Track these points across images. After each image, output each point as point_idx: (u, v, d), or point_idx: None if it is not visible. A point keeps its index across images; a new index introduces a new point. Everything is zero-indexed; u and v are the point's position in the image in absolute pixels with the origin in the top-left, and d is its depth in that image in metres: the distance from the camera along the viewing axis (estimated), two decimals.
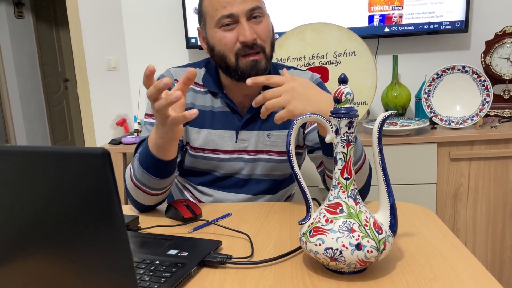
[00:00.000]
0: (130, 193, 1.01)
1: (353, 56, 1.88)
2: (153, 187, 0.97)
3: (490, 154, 1.79)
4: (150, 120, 1.10)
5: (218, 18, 1.00)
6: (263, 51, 1.03)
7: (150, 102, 0.84)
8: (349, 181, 0.69)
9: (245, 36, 0.99)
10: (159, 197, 1.01)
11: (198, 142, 1.11)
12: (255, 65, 1.02)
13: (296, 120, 0.72)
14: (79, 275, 0.55)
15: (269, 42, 1.04)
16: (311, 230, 0.69)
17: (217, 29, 1.01)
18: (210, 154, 1.11)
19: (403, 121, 1.95)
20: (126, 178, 1.02)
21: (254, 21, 1.01)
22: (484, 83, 1.85)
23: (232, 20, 1.00)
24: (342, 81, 0.71)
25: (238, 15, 0.99)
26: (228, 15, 0.99)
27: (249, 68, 1.02)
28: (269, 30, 1.04)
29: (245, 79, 1.02)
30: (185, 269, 0.70)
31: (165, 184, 0.98)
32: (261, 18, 1.02)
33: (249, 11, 0.99)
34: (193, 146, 1.11)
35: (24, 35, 4.71)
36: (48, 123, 5.08)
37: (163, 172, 0.95)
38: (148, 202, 1.01)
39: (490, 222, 1.86)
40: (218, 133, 1.10)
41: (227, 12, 0.98)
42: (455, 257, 0.74)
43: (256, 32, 1.01)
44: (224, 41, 1.01)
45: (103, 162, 0.49)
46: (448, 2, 2.10)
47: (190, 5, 2.26)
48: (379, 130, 0.69)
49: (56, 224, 0.53)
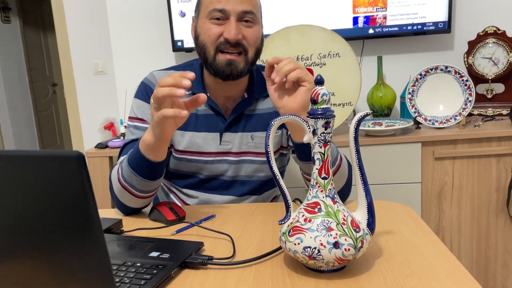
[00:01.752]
0: (116, 195, 1.01)
1: (337, 57, 1.89)
2: (141, 189, 0.97)
3: (474, 152, 1.81)
4: (134, 123, 1.10)
5: (210, 10, 1.01)
6: (245, 53, 1.03)
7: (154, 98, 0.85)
8: (327, 180, 0.71)
9: (230, 33, 1.00)
10: (145, 200, 1.02)
11: (182, 144, 1.11)
12: (231, 64, 1.02)
13: (273, 122, 0.73)
14: (57, 278, 0.55)
15: (254, 47, 1.04)
16: (290, 230, 0.70)
17: (206, 20, 1.02)
18: (194, 157, 1.12)
19: (388, 121, 1.97)
20: (113, 179, 1.02)
21: (244, 24, 1.02)
22: (466, 82, 1.88)
23: (223, 16, 1.00)
24: (319, 82, 0.72)
25: (229, 13, 1.00)
26: (219, 10, 1.00)
27: (224, 65, 1.02)
28: (257, 37, 1.04)
29: (220, 75, 1.03)
30: (166, 270, 0.71)
31: (152, 186, 0.98)
32: (251, 24, 1.03)
33: (242, 12, 1.00)
34: (177, 148, 1.11)
35: (11, 39, 4.68)
36: (36, 128, 5.05)
37: (152, 174, 0.95)
38: (134, 204, 1.01)
39: (475, 220, 1.88)
40: (202, 135, 1.11)
41: (220, 6, 1.00)
42: (432, 253, 0.75)
43: (243, 34, 1.02)
44: (209, 32, 1.02)
45: (78, 165, 0.49)
46: (431, 3, 2.12)
47: (175, 8, 2.26)
48: (355, 130, 0.70)
49: (32, 227, 0.53)
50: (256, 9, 1.04)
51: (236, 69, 1.03)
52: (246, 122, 1.12)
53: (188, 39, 2.29)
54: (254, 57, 1.06)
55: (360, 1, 2.15)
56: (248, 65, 1.05)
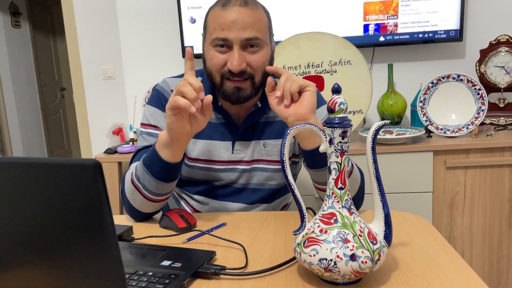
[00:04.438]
0: (127, 199, 1.01)
1: (348, 65, 1.88)
2: (152, 191, 0.96)
3: (486, 162, 1.79)
4: (147, 129, 1.10)
5: (213, 38, 1.00)
6: (252, 79, 1.02)
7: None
8: (343, 191, 0.69)
9: (232, 65, 0.98)
10: (155, 205, 1.01)
11: (195, 152, 1.10)
12: (237, 91, 1.02)
13: (289, 130, 0.72)
14: (70, 285, 0.54)
15: (260, 72, 1.02)
16: (305, 241, 0.68)
17: (211, 47, 1.01)
18: (206, 165, 1.11)
19: (399, 129, 1.95)
20: (126, 180, 1.01)
21: (249, 50, 1.00)
22: (479, 91, 1.86)
23: (226, 44, 0.99)
24: (336, 91, 0.71)
25: (232, 41, 0.98)
26: (222, 39, 0.98)
27: (231, 93, 1.02)
28: (263, 61, 1.02)
29: (228, 100, 1.04)
30: (178, 280, 0.70)
31: (164, 189, 0.97)
32: (257, 48, 1.01)
33: (245, 40, 0.98)
34: (190, 156, 1.11)
35: (21, 44, 4.71)
36: (44, 132, 5.07)
37: (165, 175, 0.95)
38: (144, 208, 1.00)
39: (487, 231, 1.85)
40: (215, 143, 1.10)
41: (223, 35, 0.98)
42: (450, 267, 0.74)
43: (248, 60, 1.00)
44: (213, 61, 1.01)
45: (94, 174, 0.48)
46: (443, 11, 2.11)
47: (186, 14, 2.26)
48: (373, 140, 0.69)
49: (47, 235, 0.52)
50: (262, 32, 1.01)
51: (243, 95, 1.02)
52: (259, 130, 1.11)
53: (198, 45, 2.29)
54: (262, 80, 1.04)
55: (371, 9, 2.14)
56: (256, 89, 1.04)
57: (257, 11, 1.00)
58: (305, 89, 0.92)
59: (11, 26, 4.55)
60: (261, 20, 1.01)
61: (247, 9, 0.98)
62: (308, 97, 0.91)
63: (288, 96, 0.91)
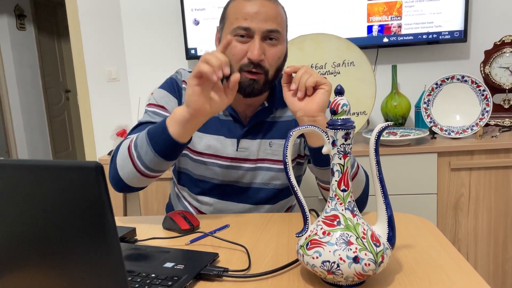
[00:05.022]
0: (115, 164, 0.98)
1: (352, 66, 1.88)
2: (147, 164, 0.94)
3: (491, 163, 1.78)
4: (153, 109, 1.09)
5: (235, 27, 1.00)
6: (266, 74, 1.03)
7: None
8: (346, 193, 0.69)
9: (253, 54, 0.99)
10: (142, 179, 0.98)
11: (200, 146, 1.11)
12: (252, 83, 1.02)
13: (292, 132, 0.71)
14: (73, 287, 0.54)
15: (274, 67, 1.04)
16: (308, 243, 0.68)
17: (231, 36, 1.02)
18: (211, 160, 1.11)
19: (403, 130, 1.94)
20: (122, 146, 0.99)
21: (268, 43, 1.02)
22: (483, 92, 1.85)
23: (247, 34, 1.00)
24: (339, 93, 0.70)
25: (254, 31, 0.99)
26: (244, 28, 0.99)
27: (246, 84, 1.02)
28: (279, 56, 1.04)
29: (241, 92, 1.04)
30: (181, 282, 0.70)
31: (159, 167, 0.95)
32: (276, 42, 1.02)
33: (267, 31, 1.00)
34: (195, 150, 1.11)
35: (26, 46, 4.74)
36: (49, 133, 5.09)
37: (167, 153, 0.92)
38: (130, 181, 0.98)
39: (492, 233, 1.84)
40: (221, 139, 1.11)
41: (245, 24, 0.99)
42: (453, 269, 0.73)
43: (266, 54, 1.01)
44: (233, 51, 1.01)
45: (96, 176, 0.48)
46: (447, 12, 2.10)
47: (189, 16, 2.27)
48: (376, 142, 0.69)
49: (49, 236, 0.53)
50: (282, 26, 1.03)
51: (257, 87, 1.03)
52: (265, 129, 1.12)
53: (201, 47, 2.30)
54: (274, 75, 1.06)
55: (374, 10, 2.14)
56: (268, 83, 1.05)
57: (278, 6, 1.03)
58: (320, 86, 0.92)
59: (16, 29, 4.58)
60: (281, 16, 1.04)
61: (270, 2, 1.01)
62: (321, 95, 0.92)
63: (303, 89, 0.92)
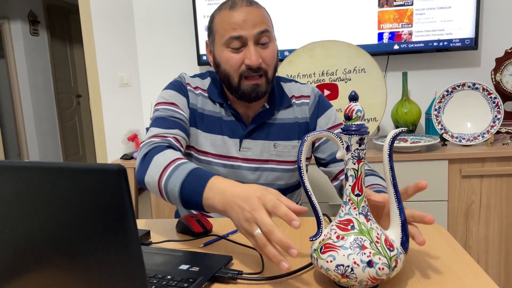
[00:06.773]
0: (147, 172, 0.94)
1: (362, 73, 1.89)
2: (170, 200, 0.91)
3: (502, 171, 1.78)
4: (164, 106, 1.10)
5: (227, 39, 1.03)
6: (266, 75, 1.07)
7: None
8: (360, 197, 0.70)
9: (251, 60, 1.03)
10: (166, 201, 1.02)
11: (204, 146, 1.14)
12: (256, 88, 1.06)
13: (307, 137, 0.73)
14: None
15: (272, 66, 1.08)
16: (322, 247, 0.69)
17: (224, 48, 1.05)
18: (215, 159, 1.13)
19: (413, 137, 1.94)
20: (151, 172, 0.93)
21: (261, 46, 1.05)
22: (494, 100, 1.85)
23: (240, 42, 1.03)
24: (353, 98, 0.72)
25: (247, 38, 1.03)
26: (236, 37, 1.02)
27: (250, 90, 1.06)
28: (273, 55, 1.08)
29: (245, 99, 1.07)
30: (197, 284, 0.71)
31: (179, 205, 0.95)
32: (268, 44, 1.06)
33: (258, 34, 1.03)
34: (199, 149, 1.13)
35: (39, 52, 4.81)
36: (60, 138, 5.15)
37: (188, 207, 0.87)
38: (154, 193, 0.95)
39: (503, 240, 1.83)
40: (224, 139, 1.13)
41: (236, 34, 1.02)
42: (467, 274, 0.74)
43: (262, 56, 1.05)
44: (230, 62, 1.05)
45: (119, 178, 0.49)
46: (458, 19, 2.11)
47: (201, 23, 2.30)
48: (390, 147, 0.70)
49: (71, 238, 0.54)
50: (269, 25, 1.07)
51: (260, 91, 1.07)
52: (268, 130, 1.14)
53: None
54: (273, 74, 1.09)
55: (385, 17, 2.15)
56: (269, 83, 1.09)
57: (261, 9, 1.07)
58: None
59: (29, 34, 4.65)
60: (266, 16, 1.07)
61: (254, 8, 1.04)
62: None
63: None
